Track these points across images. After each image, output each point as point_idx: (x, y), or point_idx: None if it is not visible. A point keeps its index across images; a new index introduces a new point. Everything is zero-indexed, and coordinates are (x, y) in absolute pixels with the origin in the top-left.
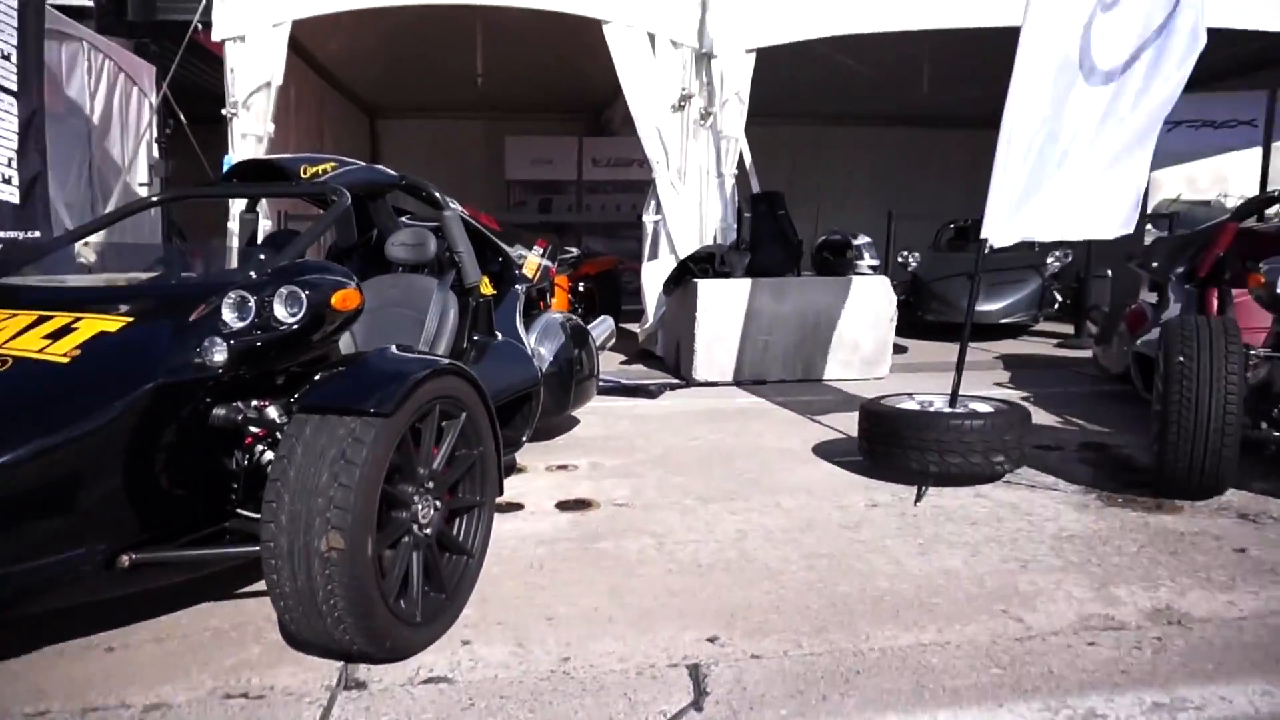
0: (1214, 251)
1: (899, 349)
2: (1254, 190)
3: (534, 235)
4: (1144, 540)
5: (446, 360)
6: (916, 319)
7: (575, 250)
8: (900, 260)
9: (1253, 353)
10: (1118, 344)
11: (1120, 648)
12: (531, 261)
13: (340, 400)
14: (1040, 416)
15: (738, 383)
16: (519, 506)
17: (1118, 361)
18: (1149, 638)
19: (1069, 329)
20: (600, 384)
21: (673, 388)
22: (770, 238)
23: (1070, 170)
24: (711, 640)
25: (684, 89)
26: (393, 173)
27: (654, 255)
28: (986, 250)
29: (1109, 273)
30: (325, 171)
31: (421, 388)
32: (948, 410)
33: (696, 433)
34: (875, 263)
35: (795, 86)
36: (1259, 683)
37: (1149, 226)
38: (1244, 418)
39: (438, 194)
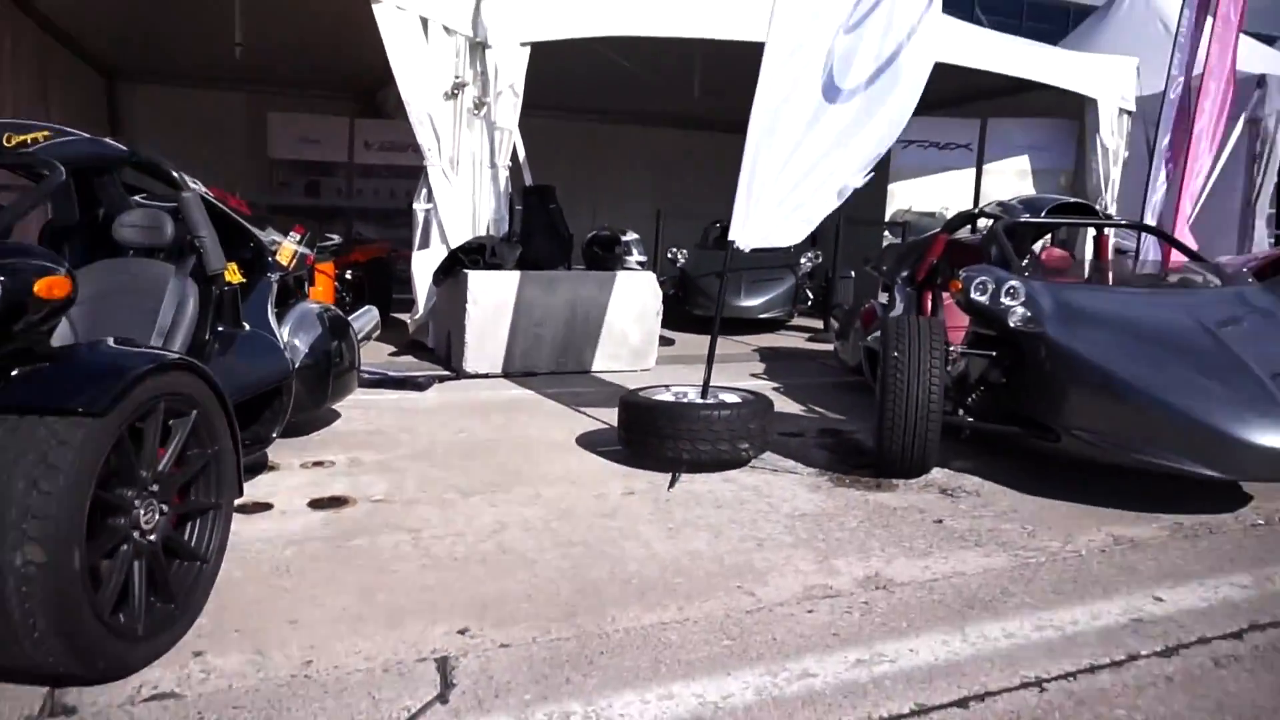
0: (929, 259)
1: (667, 341)
2: (968, 202)
3: (295, 220)
4: (863, 516)
5: (174, 354)
6: (685, 313)
7: (337, 237)
8: (669, 256)
9: (953, 349)
10: (854, 339)
11: (834, 613)
12: (286, 248)
13: (41, 399)
14: (787, 405)
15: (508, 375)
16: (267, 506)
17: (854, 355)
18: (858, 602)
19: (820, 324)
20: (364, 376)
21: (442, 380)
22: (542, 231)
23: (812, 180)
24: (462, 632)
25: (457, 77)
26: (121, 146)
27: (425, 244)
28: (734, 250)
29: (852, 273)
30: (35, 141)
31: (141, 384)
32: (699, 401)
33: (463, 425)
34: (642, 258)
35: (572, 82)
36: (940, 633)
37: (885, 233)
38: (946, 405)
39: (175, 172)
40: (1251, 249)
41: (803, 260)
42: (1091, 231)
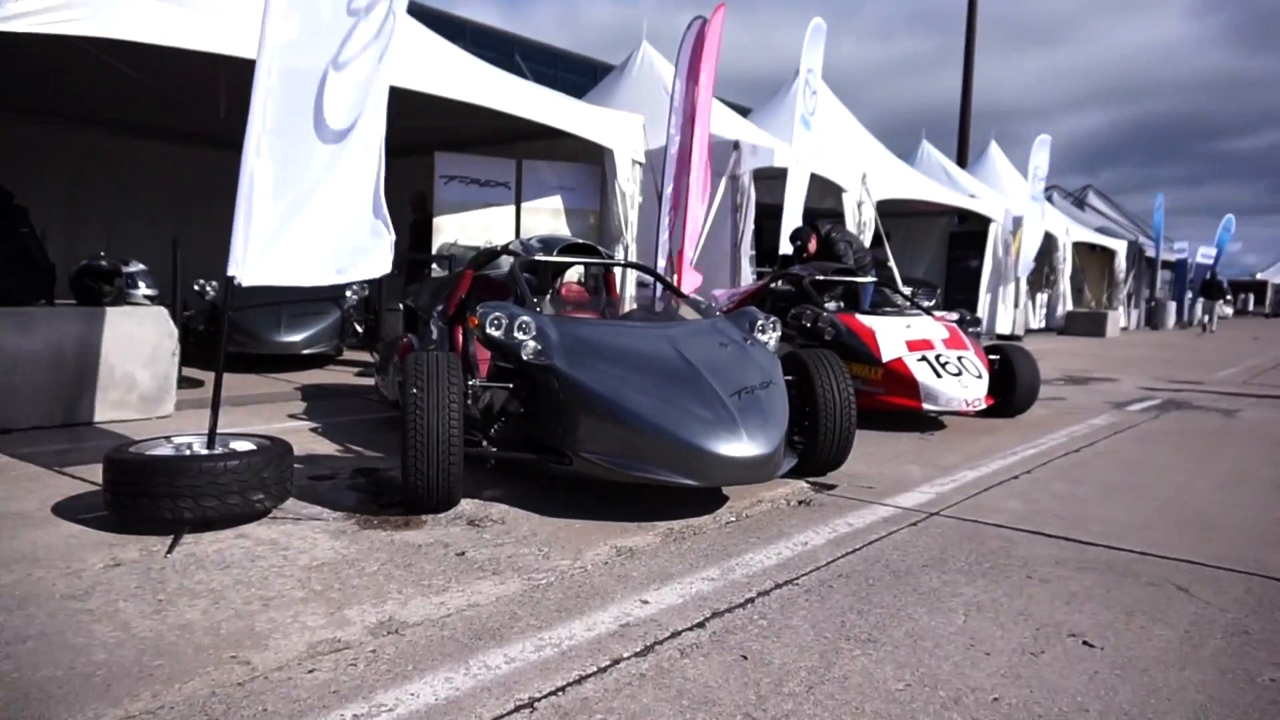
0: (458, 293)
1: (192, 383)
2: (511, 236)
3: None
4: (385, 558)
5: None
6: (219, 350)
7: None
8: (197, 289)
9: (474, 383)
10: (393, 374)
11: (338, 668)
12: None
13: None
14: (322, 446)
15: None
16: None
17: (394, 389)
18: (366, 652)
19: (370, 358)
20: None
21: None
22: (8, 259)
23: (310, 218)
24: None
25: None
26: None
27: None
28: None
29: (400, 306)
30: None
31: None
32: (202, 453)
33: None
34: (152, 292)
35: (64, 85)
36: (445, 671)
37: (433, 266)
38: (474, 435)
39: None
40: (740, 283)
41: (348, 293)
42: (619, 270)
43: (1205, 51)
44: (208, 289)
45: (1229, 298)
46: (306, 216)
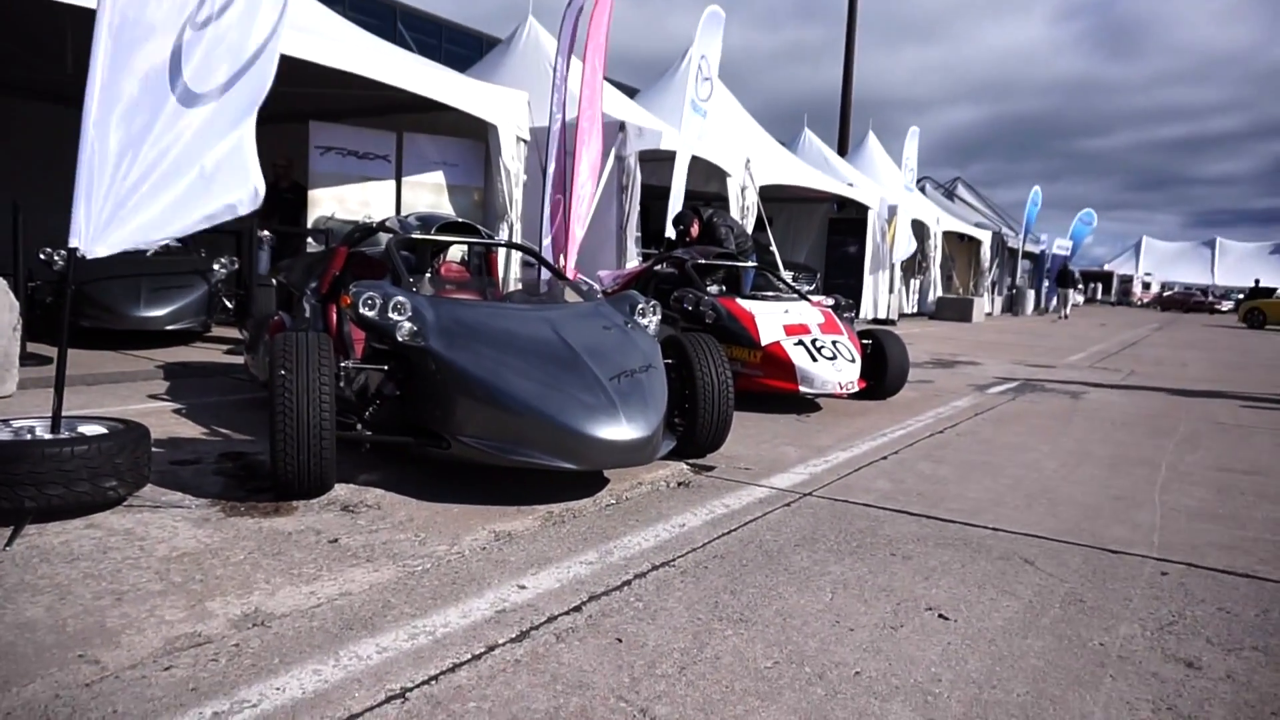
0: (331, 271)
1: (39, 360)
2: (392, 211)
3: None
4: (253, 546)
5: None
6: (71, 325)
7: None
8: (44, 257)
9: (347, 364)
10: (263, 352)
11: (197, 664)
12: None
13: None
14: (186, 429)
15: None
16: None
17: (264, 369)
18: (228, 646)
19: (240, 336)
20: None
21: None
22: None
23: (169, 185)
24: None
25: None
26: None
27: None
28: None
29: (274, 281)
30: None
31: None
32: (46, 438)
33: None
34: None
35: None
36: (313, 663)
37: (309, 240)
38: (349, 419)
39: None
40: (626, 264)
41: (216, 266)
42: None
43: (1065, 55)
44: (55, 258)
45: (1080, 286)
46: (164, 183)
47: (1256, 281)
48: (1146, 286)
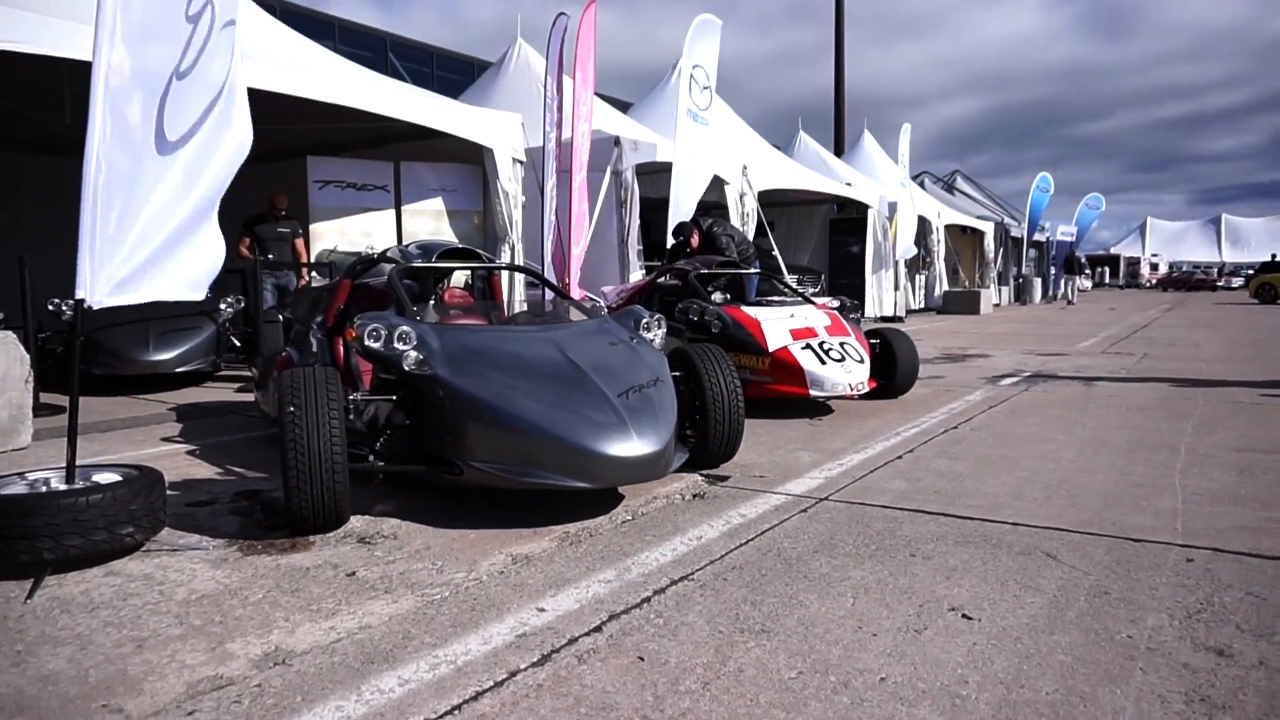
0: (336, 304)
1: (53, 409)
2: (394, 240)
3: None
4: (271, 585)
5: None
6: (84, 373)
7: None
8: (52, 308)
9: (356, 397)
10: (273, 389)
11: (220, 706)
12: None
13: None
14: (200, 470)
15: None
16: None
17: (274, 405)
18: (250, 687)
19: (250, 373)
20: None
21: None
22: None
23: (161, 235)
24: None
25: None
26: None
27: None
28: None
29: (280, 317)
30: None
31: None
32: (61, 488)
33: None
34: None
35: None
36: (335, 699)
37: (313, 274)
38: (360, 450)
39: None
40: (629, 278)
41: (223, 305)
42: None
43: (1061, 41)
44: (64, 308)
45: (1087, 272)
46: (157, 233)
47: (1274, 256)
48: (1154, 268)
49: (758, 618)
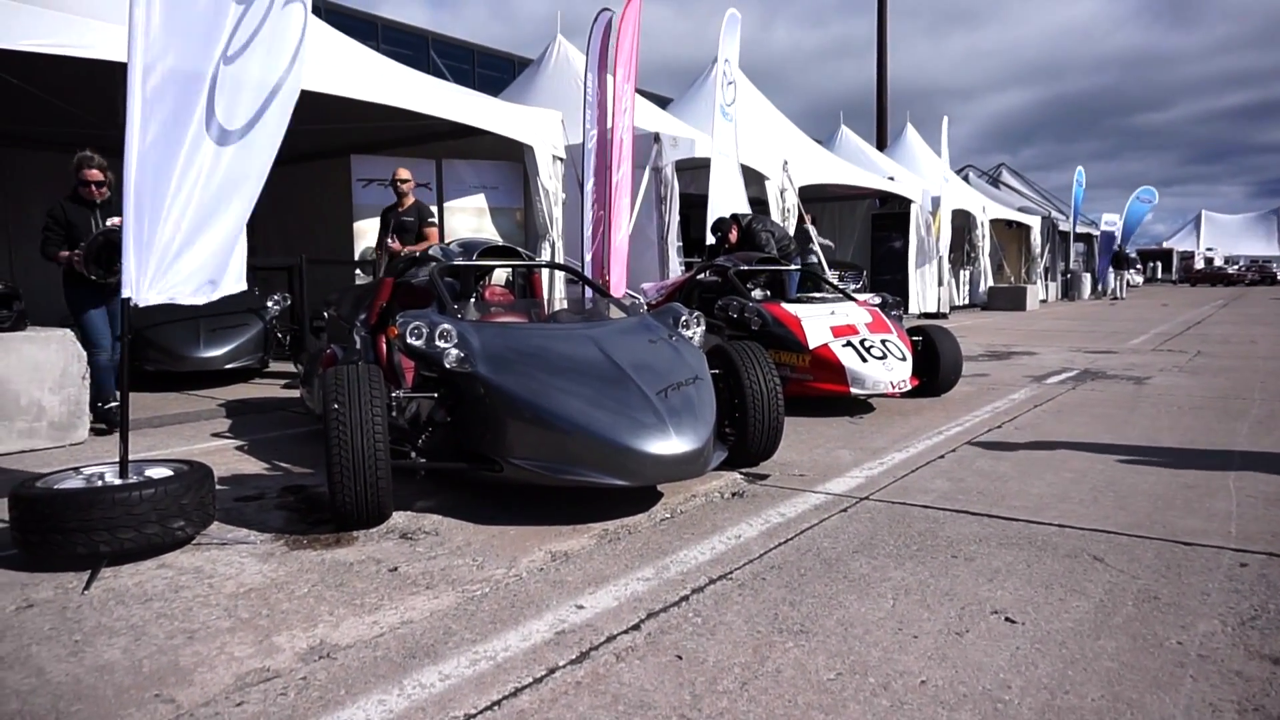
0: (379, 302)
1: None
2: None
3: None
4: (316, 579)
5: None
6: (136, 369)
7: None
8: None
9: (398, 394)
10: (317, 386)
11: (267, 699)
12: None
13: None
14: (248, 465)
15: None
16: None
17: (319, 402)
18: (296, 679)
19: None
20: None
21: None
22: None
23: (211, 229)
24: None
25: None
26: None
27: None
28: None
29: (326, 315)
30: None
31: None
32: (115, 483)
33: None
34: None
35: None
36: (378, 693)
37: (357, 272)
38: (403, 446)
39: None
40: (669, 275)
41: (269, 304)
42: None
43: (1120, 29)
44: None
45: (1138, 266)
46: (207, 227)
47: None
48: (1209, 262)
49: (796, 618)
